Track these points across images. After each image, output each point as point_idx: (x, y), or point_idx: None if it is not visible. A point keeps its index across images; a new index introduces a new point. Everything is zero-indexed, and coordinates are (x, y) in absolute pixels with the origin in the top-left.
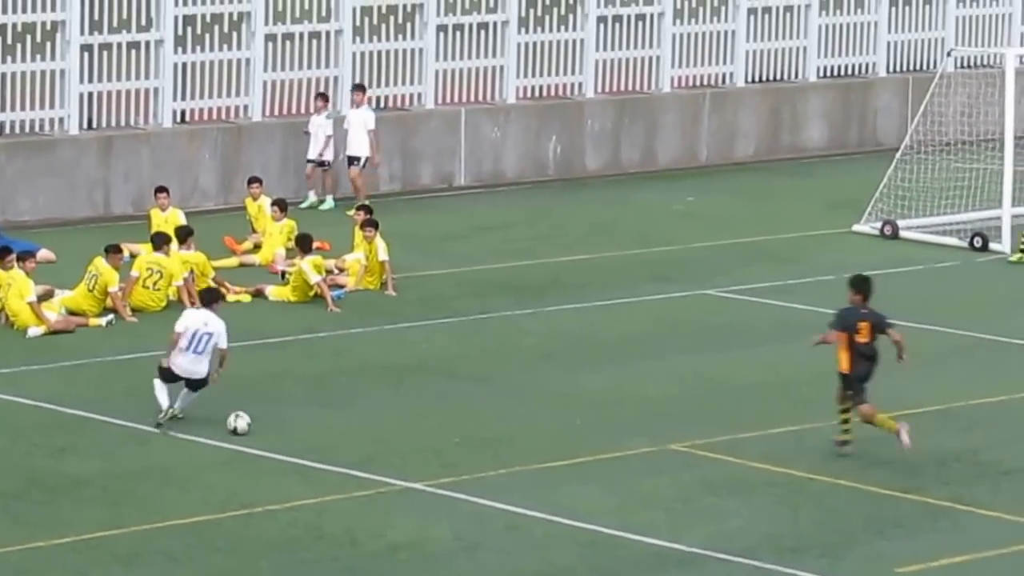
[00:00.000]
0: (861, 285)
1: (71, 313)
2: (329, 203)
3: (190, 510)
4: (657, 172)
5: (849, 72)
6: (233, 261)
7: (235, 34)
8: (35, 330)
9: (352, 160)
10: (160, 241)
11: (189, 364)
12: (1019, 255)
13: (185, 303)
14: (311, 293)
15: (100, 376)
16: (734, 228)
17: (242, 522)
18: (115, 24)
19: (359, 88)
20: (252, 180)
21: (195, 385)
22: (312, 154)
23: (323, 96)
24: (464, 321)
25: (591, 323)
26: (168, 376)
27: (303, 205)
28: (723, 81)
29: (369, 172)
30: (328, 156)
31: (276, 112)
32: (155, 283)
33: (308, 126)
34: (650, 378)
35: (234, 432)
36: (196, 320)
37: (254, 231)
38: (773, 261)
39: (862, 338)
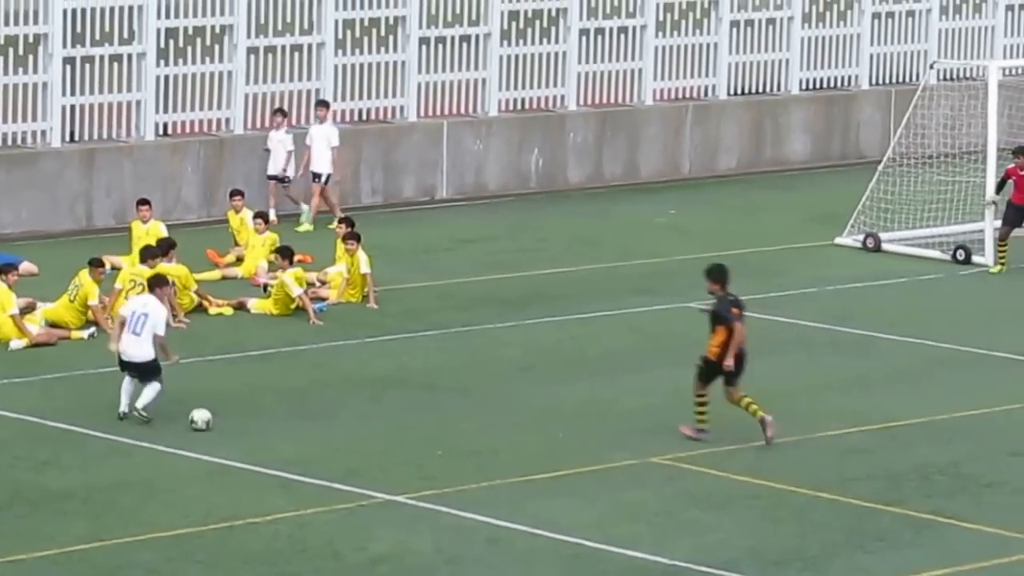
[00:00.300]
0: (719, 274)
1: (52, 325)
2: (305, 212)
3: (172, 523)
4: (639, 185)
5: (832, 84)
6: (215, 274)
7: (217, 47)
8: (17, 343)
9: (315, 176)
10: (147, 254)
11: (127, 346)
12: (1000, 267)
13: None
14: (293, 306)
15: (82, 389)
16: (716, 241)
17: (224, 535)
18: (97, 37)
19: (323, 104)
20: (234, 193)
21: (142, 372)
22: (272, 170)
23: (282, 111)
24: (446, 334)
25: (573, 336)
26: (121, 365)
27: (301, 222)
28: (706, 94)
29: (332, 188)
30: (290, 172)
31: (258, 125)
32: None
33: (268, 142)
34: (632, 391)
35: (193, 426)
36: (137, 302)
37: (236, 244)
38: (755, 274)
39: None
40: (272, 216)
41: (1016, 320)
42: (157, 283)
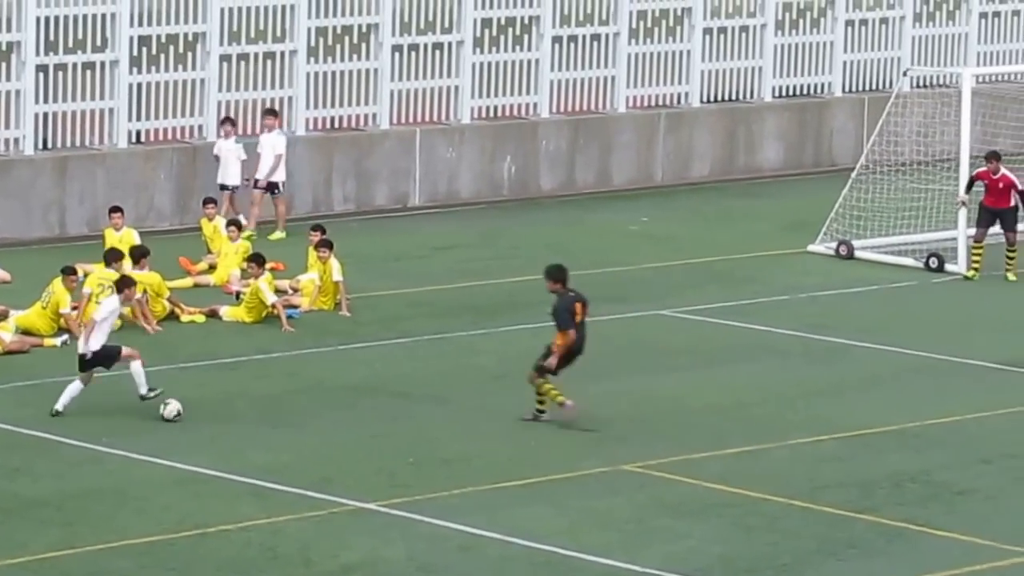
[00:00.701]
0: (559, 273)
1: (24, 332)
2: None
3: (144, 530)
4: (612, 192)
5: (805, 92)
6: (188, 282)
7: (190, 55)
8: None
9: (273, 187)
10: (112, 258)
11: (82, 340)
12: (973, 271)
13: (140, 323)
14: (264, 312)
15: (55, 396)
16: (689, 248)
17: (196, 542)
18: (70, 45)
19: (271, 113)
20: (207, 201)
21: (100, 362)
22: (222, 179)
23: (230, 120)
24: (419, 341)
25: (546, 343)
26: (79, 365)
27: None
28: (678, 101)
29: (279, 196)
30: (234, 181)
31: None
32: (107, 298)
33: (216, 150)
34: (604, 398)
35: (164, 418)
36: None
37: (209, 252)
38: (728, 281)
39: (579, 317)
40: (243, 220)
41: (988, 328)
42: (124, 285)
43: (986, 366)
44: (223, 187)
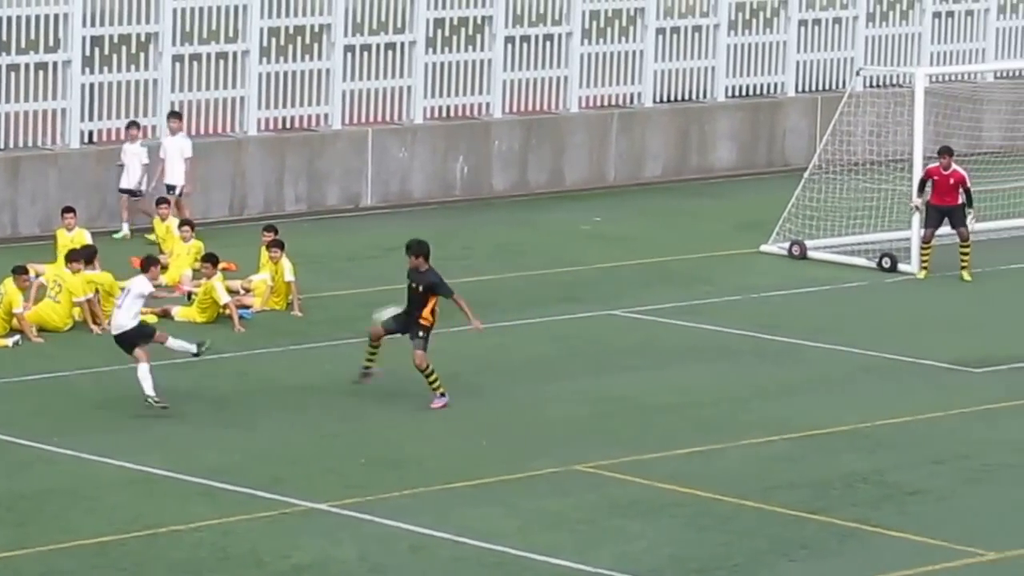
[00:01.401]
0: (420, 248)
1: None
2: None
3: (96, 530)
4: (565, 192)
5: (758, 92)
6: None
7: (142, 55)
8: None
9: (170, 188)
10: (73, 257)
11: (114, 319)
12: (923, 271)
13: (89, 324)
14: (216, 313)
15: (6, 397)
16: (642, 248)
17: (147, 543)
18: (22, 45)
19: (175, 115)
20: (160, 201)
21: (125, 341)
22: (125, 183)
23: (136, 124)
24: None
25: (498, 344)
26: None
27: (116, 236)
28: (631, 101)
29: (186, 201)
30: (144, 186)
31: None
32: (56, 294)
33: (121, 156)
34: (556, 399)
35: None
36: (128, 284)
37: (161, 252)
38: (680, 281)
39: None
40: (125, 230)
41: (940, 328)
42: (149, 264)
43: (938, 366)
44: (124, 191)
